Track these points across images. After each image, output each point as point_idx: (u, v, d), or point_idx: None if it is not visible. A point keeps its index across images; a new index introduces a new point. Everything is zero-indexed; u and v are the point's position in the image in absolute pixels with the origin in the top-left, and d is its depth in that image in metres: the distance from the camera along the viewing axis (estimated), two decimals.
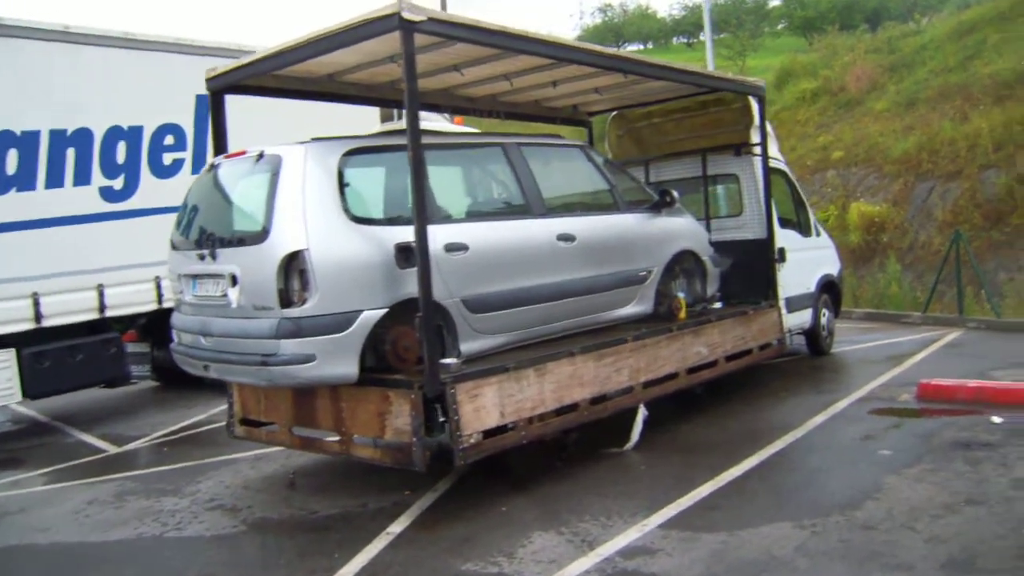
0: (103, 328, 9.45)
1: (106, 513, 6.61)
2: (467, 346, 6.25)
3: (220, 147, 6.99)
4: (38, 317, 8.73)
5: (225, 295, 5.88)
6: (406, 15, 5.50)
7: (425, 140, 6.37)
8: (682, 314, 7.83)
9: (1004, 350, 9.95)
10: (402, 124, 11.22)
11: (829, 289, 10.49)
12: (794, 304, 9.54)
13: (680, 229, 7.93)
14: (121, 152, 9.42)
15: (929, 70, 20.19)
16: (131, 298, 9.41)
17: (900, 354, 10.08)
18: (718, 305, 8.64)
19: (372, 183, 6.14)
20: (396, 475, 6.35)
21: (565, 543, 5.27)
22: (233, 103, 7.29)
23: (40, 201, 8.80)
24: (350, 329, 5.60)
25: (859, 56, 22.28)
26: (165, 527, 6.18)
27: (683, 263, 7.98)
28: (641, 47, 39.34)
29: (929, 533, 4.97)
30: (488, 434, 5.97)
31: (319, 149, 5.88)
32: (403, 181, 5.84)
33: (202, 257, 6.07)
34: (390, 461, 6.01)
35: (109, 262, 9.16)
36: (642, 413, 7.19)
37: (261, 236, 5.63)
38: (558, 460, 6.98)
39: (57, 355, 8.97)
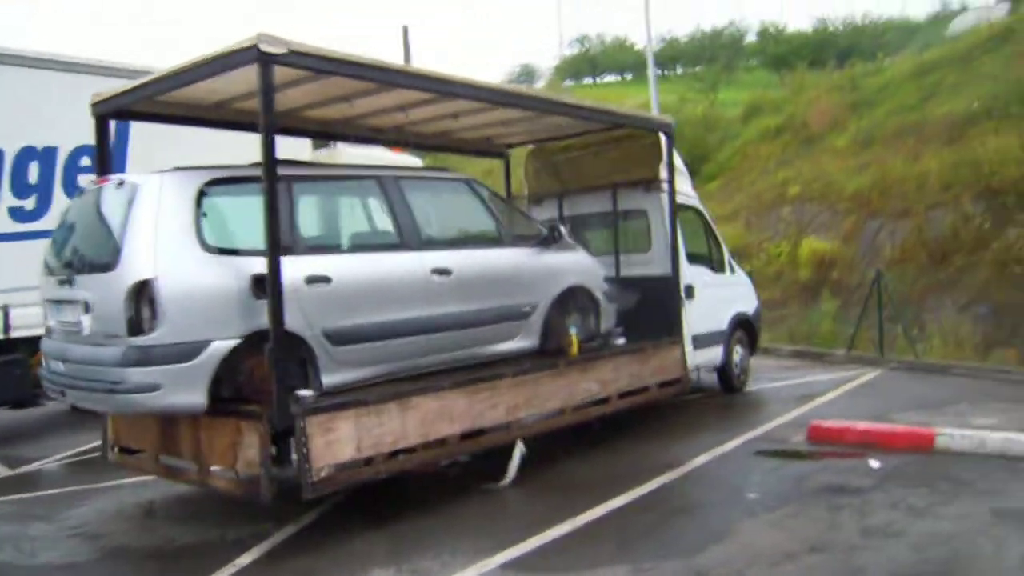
0: (9, 349, 9.40)
1: None
2: (330, 379, 6.22)
3: (103, 171, 7.00)
4: (6, 328, 8.72)
5: (79, 322, 5.86)
6: (264, 48, 5.55)
7: (296, 172, 6.44)
8: (573, 350, 7.81)
9: (914, 391, 9.92)
10: (334, 153, 11.25)
11: (743, 327, 10.47)
12: (702, 341, 9.52)
13: (569, 265, 7.91)
14: (33, 173, 9.42)
15: (888, 109, 20.30)
16: (39, 320, 9.33)
17: (812, 393, 10.05)
18: (621, 341, 8.62)
19: (233, 213, 6.12)
20: (268, 507, 6.25)
21: None
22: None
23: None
24: (198, 359, 5.58)
25: (823, 93, 22.40)
26: (20, 554, 6.12)
27: (575, 299, 7.94)
28: (619, 77, 39.62)
29: None
30: (345, 467, 5.96)
31: (177, 178, 5.89)
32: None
33: (62, 283, 6.07)
34: (241, 493, 5.99)
35: (16, 283, 9.09)
36: (519, 449, 7.15)
37: (112, 264, 5.62)
38: (432, 494, 6.94)
39: None
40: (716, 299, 9.86)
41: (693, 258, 9.69)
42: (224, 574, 5.49)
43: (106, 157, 7.07)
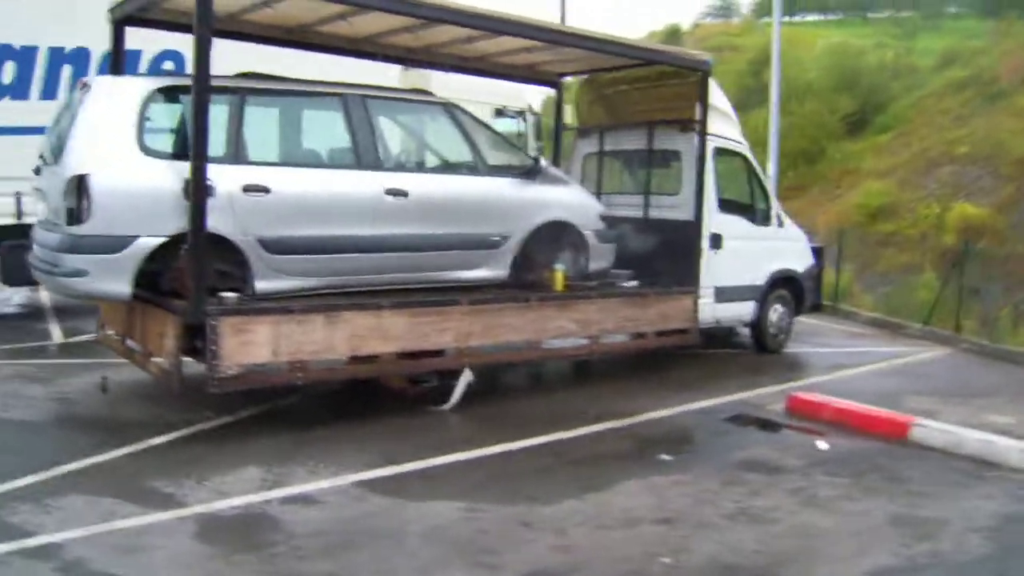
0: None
1: None
2: (264, 284, 6.48)
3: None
4: (19, 214, 9.71)
5: (40, 209, 6.45)
6: None
7: (253, 84, 6.67)
8: (557, 286, 7.69)
9: (960, 377, 9.02)
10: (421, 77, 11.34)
11: (787, 285, 9.82)
12: (728, 294, 9.06)
13: (553, 199, 7.71)
14: (65, 73, 10.03)
15: None
16: None
17: (848, 364, 9.35)
18: (634, 283, 8.40)
19: (179, 120, 6.43)
20: (226, 397, 6.55)
21: (259, 480, 5.50)
22: None
23: (32, 110, 9.70)
24: (124, 251, 5.99)
25: (1020, 45, 20.03)
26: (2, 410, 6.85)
27: (562, 235, 7.78)
28: (820, 17, 37.17)
29: (568, 541, 4.77)
30: (257, 369, 6.26)
31: (127, 83, 6.28)
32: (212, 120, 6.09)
33: (36, 172, 6.66)
34: (163, 380, 6.43)
35: None
36: (466, 376, 7.19)
37: (60, 158, 6.12)
38: (375, 409, 7.13)
39: None
40: (752, 252, 9.30)
41: (729, 206, 9.19)
42: (134, 448, 5.97)
43: (120, 63, 7.52)
